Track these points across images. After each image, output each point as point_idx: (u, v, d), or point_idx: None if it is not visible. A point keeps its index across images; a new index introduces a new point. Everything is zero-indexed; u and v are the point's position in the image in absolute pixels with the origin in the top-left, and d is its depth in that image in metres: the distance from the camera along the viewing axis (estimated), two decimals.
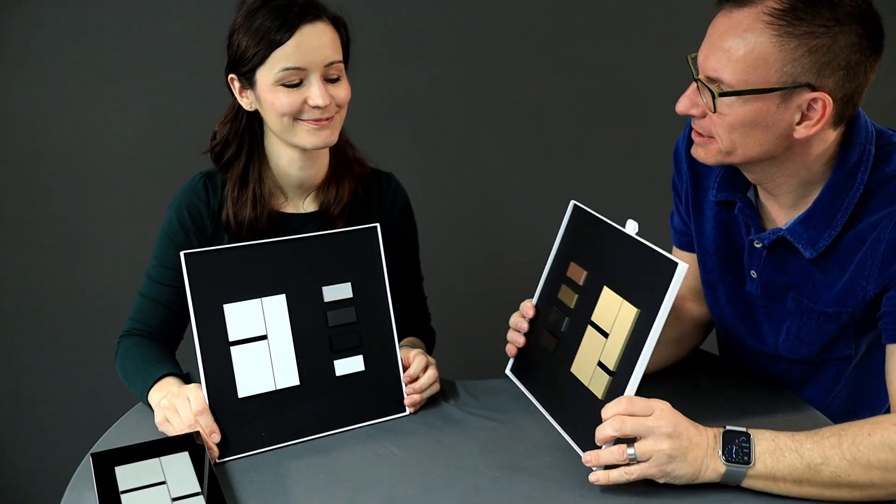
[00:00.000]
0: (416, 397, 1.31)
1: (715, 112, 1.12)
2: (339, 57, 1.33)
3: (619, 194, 2.46)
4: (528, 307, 1.34)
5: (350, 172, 1.48)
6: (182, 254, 1.21)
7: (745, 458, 1.05)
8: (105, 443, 1.23)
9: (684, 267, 1.05)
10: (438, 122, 2.40)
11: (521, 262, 2.51)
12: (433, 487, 1.13)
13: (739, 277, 1.34)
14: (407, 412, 1.32)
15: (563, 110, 2.45)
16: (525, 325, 1.33)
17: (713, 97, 1.11)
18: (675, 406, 1.09)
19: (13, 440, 2.34)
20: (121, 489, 1.08)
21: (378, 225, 1.33)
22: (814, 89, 1.08)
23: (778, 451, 1.06)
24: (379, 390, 1.31)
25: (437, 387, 1.34)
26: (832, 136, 1.16)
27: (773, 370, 1.40)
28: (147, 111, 2.20)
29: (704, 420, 1.10)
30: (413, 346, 1.42)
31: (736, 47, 1.08)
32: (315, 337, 1.28)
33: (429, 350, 1.60)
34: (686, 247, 1.47)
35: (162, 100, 2.19)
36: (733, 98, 1.10)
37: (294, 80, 1.29)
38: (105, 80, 2.15)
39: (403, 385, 1.32)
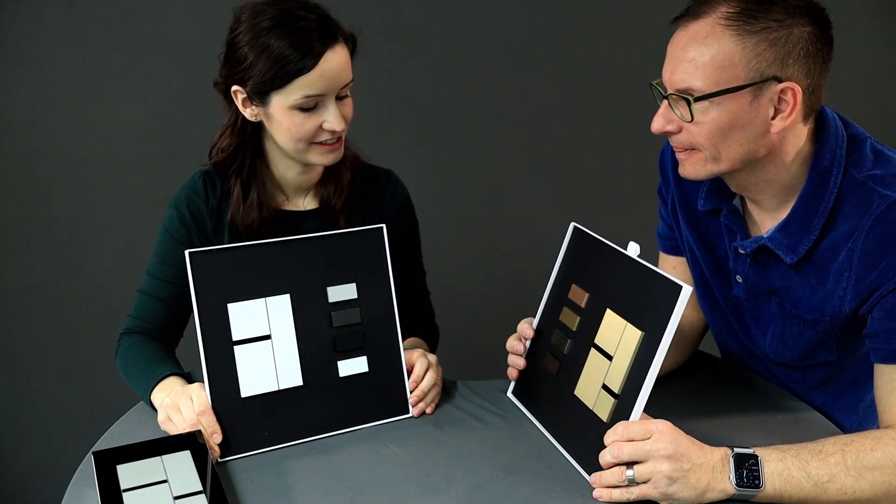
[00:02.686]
0: (421, 405, 1.31)
1: (692, 121, 1.14)
2: (352, 75, 1.34)
3: (619, 194, 2.47)
4: (526, 329, 1.33)
5: (344, 164, 1.47)
6: (187, 253, 1.21)
7: (756, 481, 1.06)
8: (107, 441, 1.23)
9: (689, 290, 1.05)
10: (438, 121, 2.41)
11: (521, 261, 2.52)
12: (434, 487, 1.13)
13: (726, 280, 1.36)
14: (410, 414, 1.32)
15: (563, 109, 2.45)
16: (521, 348, 1.33)
17: (689, 105, 1.13)
18: (676, 408, 1.09)
19: (14, 439, 2.34)
20: (122, 487, 1.08)
21: (384, 226, 1.33)
22: (780, 81, 1.12)
23: (786, 472, 1.06)
24: (382, 392, 1.31)
25: (438, 389, 1.34)
26: (804, 132, 1.19)
27: (765, 373, 1.42)
28: (147, 111, 2.20)
29: (706, 423, 1.10)
30: (415, 348, 1.43)
31: (700, 55, 1.11)
32: (319, 337, 1.28)
33: (433, 347, 1.60)
34: (673, 251, 1.49)
35: (162, 100, 2.20)
36: (707, 103, 1.12)
37: (311, 104, 1.30)
38: (105, 80, 2.16)
39: (407, 387, 1.32)
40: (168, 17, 2.14)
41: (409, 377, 1.33)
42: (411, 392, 1.32)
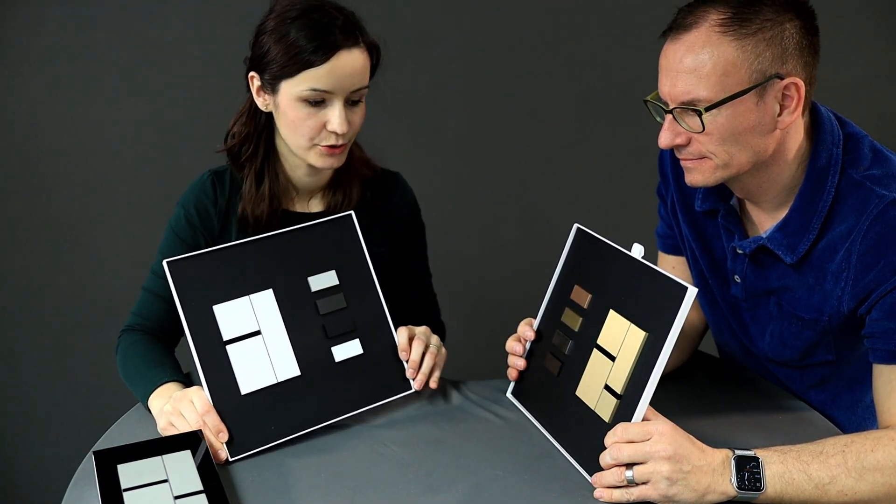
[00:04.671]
0: (420, 377, 1.31)
1: (703, 131, 1.14)
2: (367, 83, 1.34)
3: (623, 195, 2.47)
4: (526, 330, 1.33)
5: (357, 175, 1.49)
6: (164, 263, 1.23)
7: (757, 484, 1.05)
8: (107, 441, 1.24)
9: (694, 291, 1.06)
10: (440, 122, 2.41)
11: (522, 262, 2.52)
12: (434, 487, 1.13)
13: (724, 280, 1.37)
14: (412, 389, 1.32)
15: (564, 110, 2.45)
16: (520, 349, 1.33)
17: (700, 116, 1.13)
18: (676, 408, 1.09)
19: (15, 438, 2.33)
20: (123, 487, 1.08)
21: (353, 213, 1.35)
22: (781, 77, 1.13)
23: (787, 475, 1.06)
24: (381, 371, 1.32)
25: (433, 357, 1.34)
26: (801, 126, 1.20)
27: (763, 372, 1.43)
28: (147, 111, 2.20)
29: (706, 424, 1.10)
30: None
31: (702, 64, 1.12)
32: (308, 326, 1.29)
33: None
34: (672, 250, 1.49)
35: (162, 100, 2.20)
36: (715, 111, 1.13)
37: (318, 99, 1.30)
38: (105, 80, 2.16)
39: (405, 363, 1.33)
40: (168, 17, 2.14)
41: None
42: (408, 366, 1.33)
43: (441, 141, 2.43)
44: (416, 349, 1.33)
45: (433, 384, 1.33)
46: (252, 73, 1.35)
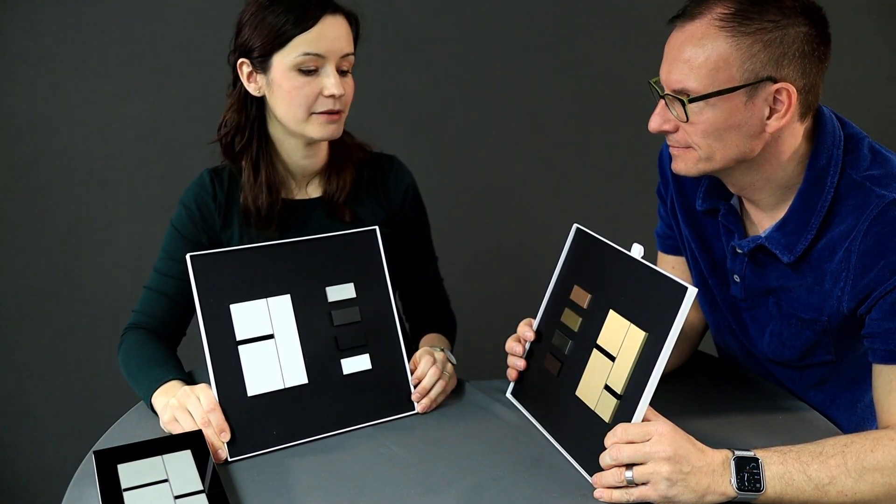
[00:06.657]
0: (425, 402, 1.32)
1: (687, 121, 1.15)
2: (353, 49, 1.39)
3: (618, 193, 2.48)
4: (526, 330, 1.33)
5: (350, 160, 1.51)
6: (188, 256, 1.23)
7: (757, 485, 1.05)
8: (107, 441, 1.24)
9: (694, 291, 1.06)
10: (439, 121, 2.41)
11: (521, 262, 2.52)
12: (435, 487, 1.13)
13: (724, 280, 1.37)
14: (415, 410, 1.32)
15: (563, 109, 2.46)
16: (520, 350, 1.33)
17: (683, 105, 1.13)
18: (676, 408, 1.09)
19: (15, 438, 2.34)
20: (123, 487, 1.08)
21: (377, 228, 1.35)
22: (775, 81, 1.12)
23: (787, 475, 1.06)
24: (387, 389, 1.32)
25: (444, 385, 1.34)
26: (800, 130, 1.20)
27: (762, 372, 1.43)
28: (147, 111, 2.20)
29: (706, 424, 1.10)
30: (433, 346, 1.44)
31: (696, 56, 1.12)
32: (321, 336, 1.29)
33: (451, 336, 1.61)
34: (672, 250, 1.50)
35: (162, 99, 2.20)
36: (702, 103, 1.13)
37: (311, 66, 1.34)
38: (105, 80, 2.16)
39: (411, 384, 1.33)
40: (168, 17, 2.14)
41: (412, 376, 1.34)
42: (414, 389, 1.33)
43: (440, 141, 2.43)
44: (430, 377, 1.33)
45: (432, 406, 1.34)
46: (242, 60, 1.38)
